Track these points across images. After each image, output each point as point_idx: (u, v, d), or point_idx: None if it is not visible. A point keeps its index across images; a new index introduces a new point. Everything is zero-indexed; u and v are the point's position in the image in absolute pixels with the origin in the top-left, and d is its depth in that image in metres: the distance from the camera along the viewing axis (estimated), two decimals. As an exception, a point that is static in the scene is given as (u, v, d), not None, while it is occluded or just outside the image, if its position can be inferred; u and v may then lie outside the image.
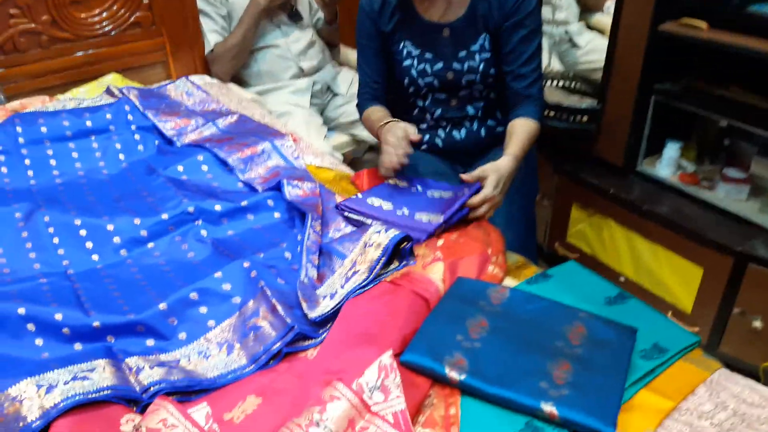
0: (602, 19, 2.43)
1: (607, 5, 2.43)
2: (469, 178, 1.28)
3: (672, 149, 1.73)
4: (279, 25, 2.18)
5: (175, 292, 1.07)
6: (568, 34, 2.58)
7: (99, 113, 1.63)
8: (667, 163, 1.75)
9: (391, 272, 1.10)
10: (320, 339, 0.99)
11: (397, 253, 1.13)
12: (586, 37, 2.56)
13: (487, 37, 1.44)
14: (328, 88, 2.29)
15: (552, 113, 1.92)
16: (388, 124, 1.41)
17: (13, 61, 1.83)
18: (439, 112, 1.54)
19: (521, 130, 1.40)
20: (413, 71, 1.48)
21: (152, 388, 0.90)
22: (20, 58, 1.84)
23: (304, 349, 0.99)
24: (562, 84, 2.10)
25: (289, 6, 2.17)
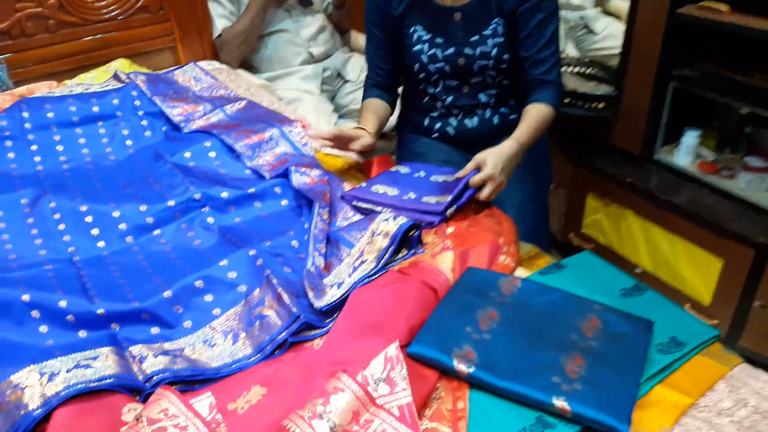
0: (619, 5, 2.37)
1: (625, -11, 2.37)
2: (463, 173, 1.24)
3: (691, 137, 1.68)
4: (289, 10, 2.15)
5: (181, 280, 1.06)
6: (583, 19, 2.52)
7: (106, 98, 1.62)
8: (686, 152, 1.70)
9: (399, 261, 1.07)
10: (327, 329, 0.97)
11: (406, 241, 1.11)
12: (603, 23, 2.50)
13: (501, 21, 1.40)
14: (339, 75, 2.26)
15: (567, 100, 1.88)
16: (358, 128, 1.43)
17: (21, 45, 1.82)
18: (450, 100, 1.50)
19: (533, 114, 1.37)
20: (423, 56, 1.44)
21: (155, 377, 0.89)
22: (27, 43, 1.83)
23: (310, 338, 0.97)
24: (578, 70, 2.05)
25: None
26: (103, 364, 0.89)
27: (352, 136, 1.38)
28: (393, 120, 1.73)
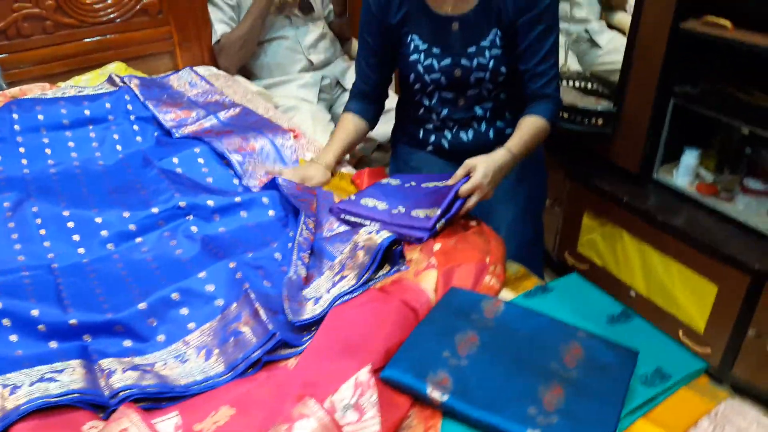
0: (624, 18, 2.34)
1: (630, 4, 2.34)
2: (453, 181, 1.22)
3: (690, 157, 1.65)
4: (289, 17, 2.13)
5: (157, 292, 1.04)
6: (588, 32, 2.49)
7: (98, 102, 1.60)
8: (685, 172, 1.66)
9: (381, 278, 1.05)
10: (303, 348, 0.94)
11: (389, 256, 1.08)
12: (607, 37, 2.47)
13: (499, 32, 1.38)
14: (338, 83, 2.24)
15: (566, 115, 1.85)
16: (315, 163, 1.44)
17: (17, 46, 1.81)
18: (445, 112, 1.47)
19: (528, 126, 1.35)
20: (419, 66, 1.42)
21: (122, 393, 0.86)
22: (24, 44, 1.82)
23: (285, 357, 0.94)
24: (578, 84, 2.02)
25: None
26: (70, 377, 0.87)
27: (305, 180, 1.38)
28: (388, 131, 1.71)
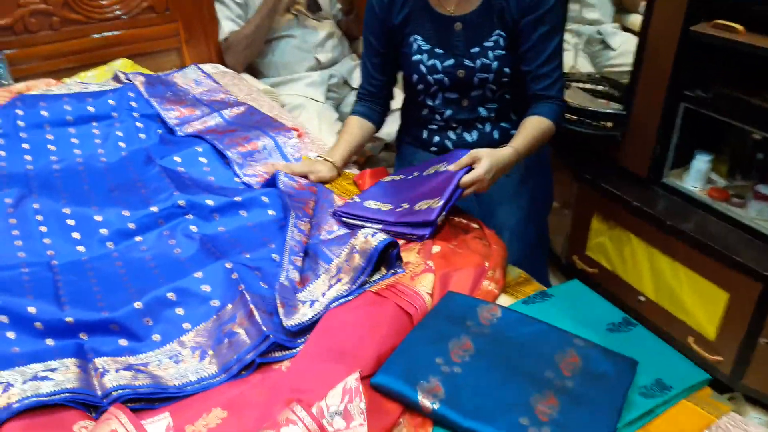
0: (639, 21, 2.30)
1: (643, 5, 2.31)
2: (456, 168, 1.20)
3: (701, 161, 1.61)
4: (297, 16, 2.12)
5: (153, 291, 1.03)
6: (600, 34, 2.46)
7: (102, 99, 1.60)
8: (696, 176, 1.63)
9: (378, 282, 1.03)
10: (296, 351, 0.93)
11: (385, 259, 1.07)
12: (620, 39, 2.44)
13: (502, 33, 1.36)
14: (345, 82, 2.23)
15: (574, 117, 1.82)
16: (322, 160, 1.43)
17: (24, 42, 1.81)
18: (449, 113, 1.46)
19: (533, 126, 1.33)
20: (422, 67, 1.40)
21: (114, 393, 0.85)
22: (30, 39, 1.82)
23: (278, 360, 0.93)
24: (588, 87, 1.99)
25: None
26: (64, 376, 0.87)
27: (312, 173, 1.39)
28: (393, 131, 1.70)
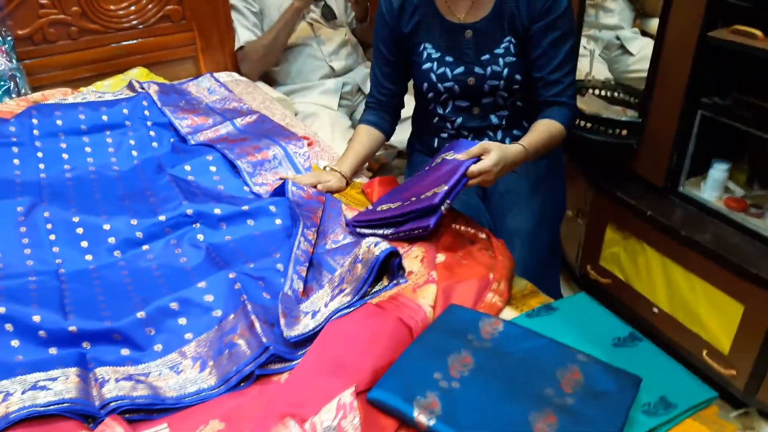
0: (659, 26, 2.26)
1: (663, 10, 2.26)
2: (466, 156, 1.17)
3: (718, 170, 1.57)
4: (311, 24, 2.12)
5: (157, 301, 1.03)
6: (619, 39, 2.43)
7: (116, 108, 1.62)
8: (713, 186, 1.59)
9: (380, 293, 1.02)
10: (295, 363, 0.93)
11: (388, 268, 1.06)
12: (639, 44, 2.39)
13: (513, 39, 1.34)
14: (359, 90, 2.23)
15: (588, 124, 1.79)
16: (330, 170, 1.43)
17: (42, 51, 1.85)
18: (460, 121, 1.45)
19: (544, 128, 1.32)
20: (432, 75, 1.40)
21: (112, 404, 0.86)
22: (49, 49, 1.86)
23: (278, 372, 0.93)
24: (604, 93, 1.96)
25: (322, 3, 2.12)
26: (63, 386, 0.87)
27: (321, 183, 1.38)
28: (405, 138, 1.69)
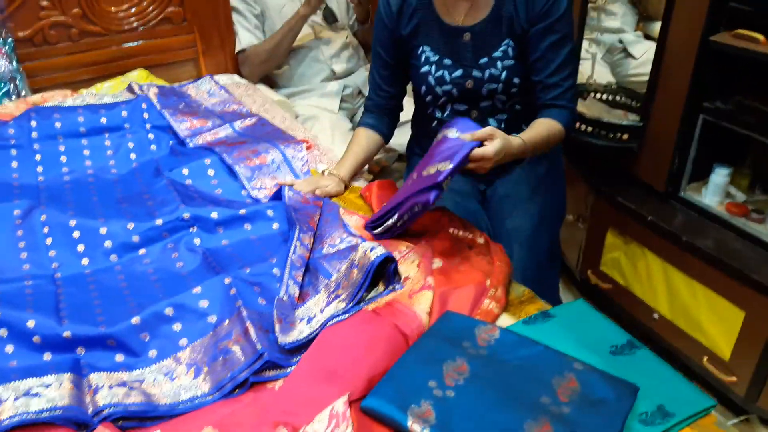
0: (663, 29, 2.25)
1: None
2: (471, 137, 1.15)
3: (720, 175, 1.56)
4: (312, 27, 2.12)
5: (152, 306, 1.03)
6: (622, 43, 2.42)
7: (115, 110, 1.61)
8: (714, 191, 1.58)
9: (376, 299, 1.02)
10: (290, 370, 0.92)
11: (383, 274, 1.05)
12: (642, 47, 2.38)
13: (511, 42, 1.34)
14: (360, 92, 2.22)
15: (590, 129, 1.78)
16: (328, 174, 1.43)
17: (43, 53, 1.85)
18: (458, 124, 1.44)
19: (541, 126, 1.31)
20: (431, 78, 1.39)
21: (105, 411, 0.85)
22: (50, 51, 1.86)
23: (272, 379, 0.92)
24: (605, 97, 1.95)
25: (323, 6, 2.11)
26: (56, 392, 0.87)
27: (319, 188, 1.38)
28: (405, 142, 1.68)
